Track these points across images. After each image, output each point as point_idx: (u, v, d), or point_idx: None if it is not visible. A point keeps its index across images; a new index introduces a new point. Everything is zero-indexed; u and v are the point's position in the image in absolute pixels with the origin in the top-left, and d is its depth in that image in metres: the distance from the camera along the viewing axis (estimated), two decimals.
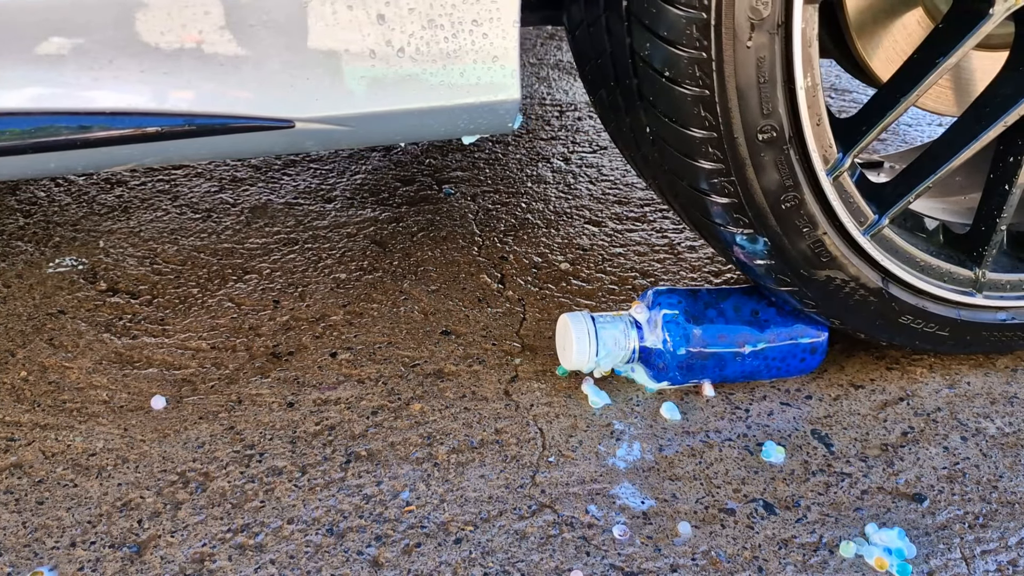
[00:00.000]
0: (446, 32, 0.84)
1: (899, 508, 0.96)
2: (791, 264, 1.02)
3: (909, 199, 1.02)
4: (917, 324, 1.09)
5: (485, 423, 1.04)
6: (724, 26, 0.86)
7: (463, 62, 0.85)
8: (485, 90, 0.87)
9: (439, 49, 0.84)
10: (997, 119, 1.00)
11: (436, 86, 0.86)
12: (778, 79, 0.91)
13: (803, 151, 0.95)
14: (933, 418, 1.08)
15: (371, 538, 0.89)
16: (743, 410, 1.08)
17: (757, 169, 0.95)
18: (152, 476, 0.95)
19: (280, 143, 0.89)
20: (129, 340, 1.14)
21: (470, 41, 0.84)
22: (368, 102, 0.85)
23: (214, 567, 0.86)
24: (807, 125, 0.94)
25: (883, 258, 1.04)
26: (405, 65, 0.84)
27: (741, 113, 0.91)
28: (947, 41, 0.97)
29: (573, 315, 1.07)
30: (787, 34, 0.89)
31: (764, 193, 0.96)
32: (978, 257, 1.08)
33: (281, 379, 1.09)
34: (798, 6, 0.88)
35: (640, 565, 0.88)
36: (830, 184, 0.98)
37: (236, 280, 1.26)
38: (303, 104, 0.84)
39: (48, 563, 0.86)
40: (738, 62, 0.88)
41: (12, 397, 1.05)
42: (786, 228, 0.99)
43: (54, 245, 1.31)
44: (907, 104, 0.98)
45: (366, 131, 0.90)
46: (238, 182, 1.49)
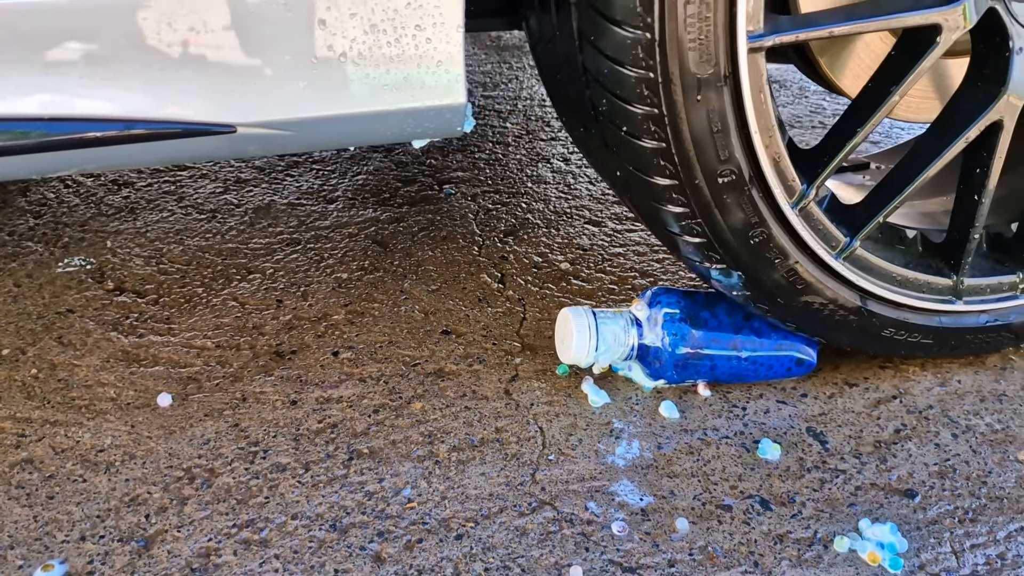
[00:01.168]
0: (388, 37, 0.83)
1: (891, 503, 0.98)
2: (768, 293, 1.05)
3: (879, 219, 1.03)
4: (900, 335, 1.10)
5: (486, 422, 1.06)
6: (672, 84, 0.89)
7: (406, 67, 0.85)
8: (430, 94, 0.87)
9: (382, 54, 0.84)
10: (959, 135, 1.01)
11: (380, 91, 0.85)
12: (731, 127, 0.93)
13: (765, 189, 0.97)
14: (925, 416, 1.10)
15: (373, 534, 0.91)
16: (740, 408, 1.10)
17: (722, 210, 0.97)
18: (159, 472, 0.97)
19: (223, 148, 0.88)
20: (136, 339, 1.16)
21: (413, 46, 0.84)
22: (310, 107, 0.85)
23: (219, 561, 0.88)
24: (766, 165, 0.96)
25: (859, 279, 1.05)
26: (348, 70, 0.84)
27: (699, 161, 0.94)
28: (899, 68, 0.98)
29: (574, 309, 1.09)
30: (735, 84, 0.91)
31: (732, 231, 0.99)
32: (955, 265, 1.09)
33: (284, 377, 1.11)
34: (743, 59, 0.90)
35: (638, 560, 0.90)
36: (796, 216, 0.99)
37: (240, 280, 1.28)
38: (244, 109, 0.83)
39: (58, 556, 0.88)
40: (690, 115, 0.91)
41: (23, 394, 1.07)
42: (758, 261, 1.01)
43: (63, 245, 1.33)
44: (863, 135, 0.98)
45: (310, 136, 0.89)
46: (242, 183, 1.51)
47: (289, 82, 0.83)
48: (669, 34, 0.87)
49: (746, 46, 0.89)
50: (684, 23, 0.87)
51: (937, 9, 0.94)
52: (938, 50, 0.95)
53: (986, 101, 0.99)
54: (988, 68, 1.00)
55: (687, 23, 0.87)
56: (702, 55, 0.88)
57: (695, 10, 0.86)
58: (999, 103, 0.99)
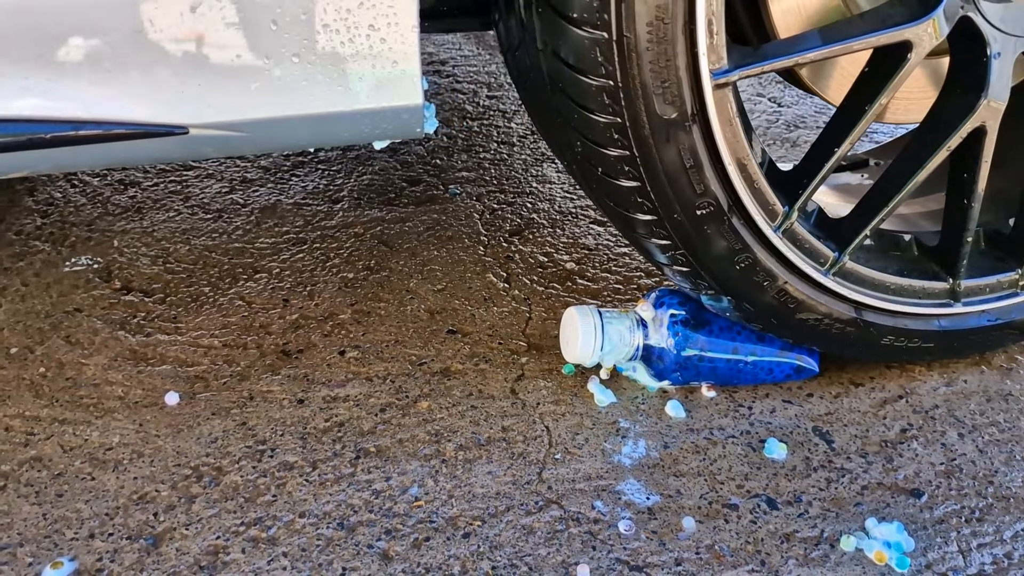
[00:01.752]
0: (342, 37, 0.82)
1: (898, 503, 0.98)
2: (761, 314, 1.05)
3: (866, 233, 1.02)
4: (900, 342, 1.10)
5: (492, 421, 1.06)
6: (640, 127, 0.90)
7: (361, 67, 0.84)
8: (386, 95, 0.86)
9: (336, 54, 0.82)
10: (940, 144, 0.99)
11: (334, 91, 0.84)
12: (704, 162, 0.93)
13: (746, 216, 0.97)
14: (931, 415, 1.10)
15: (381, 532, 0.92)
16: (746, 408, 1.10)
17: (704, 240, 0.98)
18: (167, 470, 0.98)
19: (177, 150, 0.87)
20: (143, 337, 1.17)
21: (367, 46, 0.83)
22: (264, 108, 0.84)
23: (228, 559, 0.88)
24: (743, 194, 0.96)
25: (852, 292, 1.04)
26: (301, 70, 0.83)
27: (675, 196, 0.94)
28: (873, 87, 0.97)
29: (580, 309, 1.09)
30: (704, 121, 0.91)
31: (716, 259, 0.99)
32: (951, 268, 1.08)
33: (291, 376, 1.12)
34: (709, 97, 0.90)
35: (645, 559, 0.90)
36: (780, 239, 0.99)
37: (247, 279, 1.29)
38: (197, 110, 0.82)
39: (68, 553, 0.88)
40: (661, 155, 0.92)
41: (31, 392, 1.07)
42: (746, 286, 1.02)
43: (70, 245, 1.34)
44: (840, 155, 0.98)
45: (265, 137, 0.88)
46: (248, 183, 1.51)
47: (241, 83, 0.82)
48: (632, 80, 0.87)
49: (711, 84, 0.89)
50: (647, 68, 0.87)
51: (906, 26, 0.92)
52: (910, 65, 0.94)
53: (966, 108, 0.98)
54: (966, 75, 0.99)
55: (649, 68, 0.87)
56: (666, 98, 0.89)
57: (654, 56, 0.87)
58: (979, 109, 0.98)
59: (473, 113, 1.76)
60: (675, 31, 0.86)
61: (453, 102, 1.81)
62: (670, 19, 0.85)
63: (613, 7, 0.83)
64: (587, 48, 0.86)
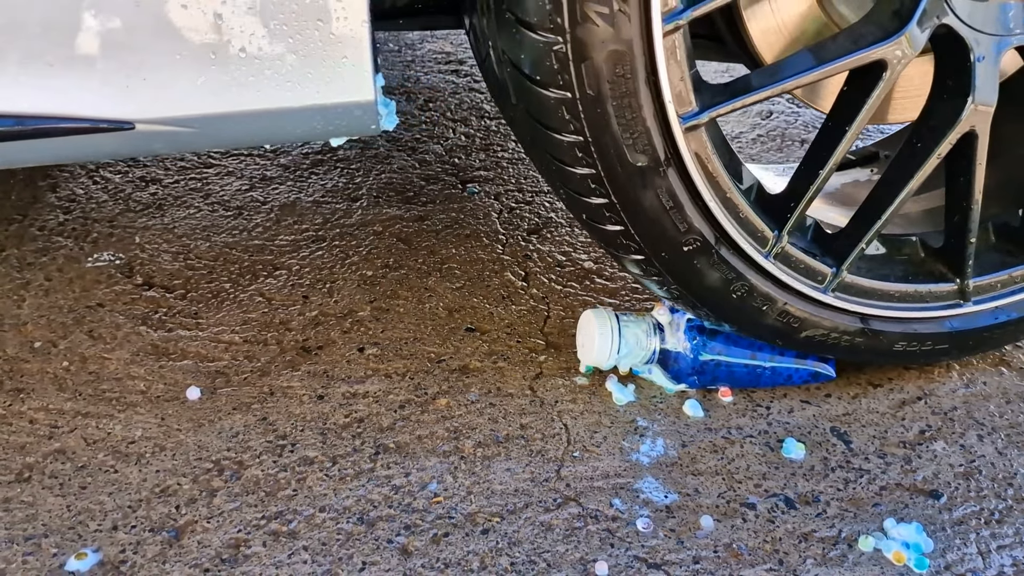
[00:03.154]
0: (289, 31, 0.80)
1: (916, 504, 0.98)
2: (766, 335, 1.06)
3: (862, 246, 1.01)
4: (913, 347, 1.09)
5: (510, 418, 1.07)
6: (615, 176, 0.91)
7: (310, 62, 0.82)
8: (336, 91, 0.84)
9: (283, 49, 0.81)
10: (930, 153, 0.97)
11: (283, 86, 0.83)
12: (684, 202, 0.94)
13: (734, 246, 0.97)
14: (950, 417, 1.10)
15: (400, 527, 0.92)
16: (764, 407, 1.10)
17: (696, 274, 0.98)
18: (188, 464, 0.99)
19: (126, 145, 0.86)
20: (164, 333, 1.18)
21: (316, 40, 0.81)
22: (211, 103, 0.82)
23: (249, 552, 0.89)
24: (729, 226, 0.96)
25: (855, 305, 1.04)
26: (248, 65, 0.81)
27: (660, 236, 0.96)
28: (852, 107, 0.95)
29: (597, 311, 1.10)
30: (679, 164, 0.92)
31: (711, 291, 1.00)
32: (958, 269, 1.06)
33: (311, 372, 1.12)
34: (682, 142, 0.90)
35: (663, 557, 0.90)
36: (772, 264, 0.99)
37: (267, 276, 1.30)
38: (143, 106, 0.81)
39: (92, 545, 0.89)
40: (640, 200, 0.93)
41: (55, 386, 1.08)
42: (746, 312, 1.02)
43: (92, 240, 1.35)
44: (824, 177, 0.96)
45: (214, 133, 0.87)
46: (268, 180, 1.52)
47: (187, 78, 0.81)
48: (600, 134, 0.88)
49: (681, 129, 0.90)
50: (614, 122, 0.88)
51: (878, 46, 0.91)
52: (887, 82, 0.92)
53: (954, 114, 0.96)
54: (951, 80, 0.97)
55: (616, 121, 0.88)
56: (637, 147, 0.90)
57: (620, 110, 0.87)
58: (967, 114, 0.95)
59: (491, 112, 1.76)
60: (637, 85, 0.87)
61: (471, 101, 1.81)
62: (631, 74, 0.86)
63: (573, 69, 0.84)
64: (553, 107, 0.87)
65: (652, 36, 0.85)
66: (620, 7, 0.83)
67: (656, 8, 0.84)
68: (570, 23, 0.82)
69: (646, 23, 0.84)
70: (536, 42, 0.83)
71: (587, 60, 0.84)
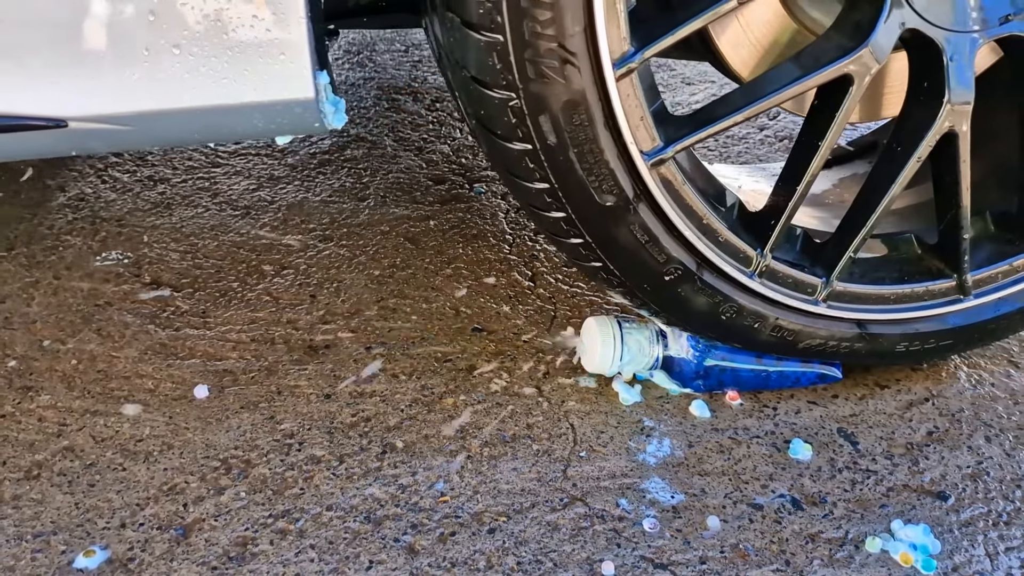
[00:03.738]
0: (225, 27, 0.79)
1: (924, 505, 0.97)
2: (764, 349, 1.06)
3: (850, 255, 1.00)
4: (916, 346, 1.08)
5: (517, 418, 1.07)
6: (587, 219, 0.93)
7: (247, 59, 0.80)
8: (275, 88, 0.82)
9: (218, 45, 0.80)
10: (909, 156, 0.96)
11: (219, 84, 0.81)
12: (660, 234, 0.94)
13: (717, 270, 0.98)
14: (958, 418, 1.10)
15: (407, 526, 0.92)
16: (771, 408, 1.10)
17: (681, 301, 0.99)
18: (196, 462, 0.99)
19: (61, 143, 0.84)
20: (172, 331, 1.18)
21: (252, 37, 0.80)
22: (145, 101, 0.81)
23: (256, 551, 0.89)
24: (708, 252, 0.96)
25: (849, 312, 1.03)
26: (183, 62, 0.80)
27: (639, 270, 0.97)
28: (822, 122, 0.94)
29: (599, 319, 1.10)
30: (650, 200, 0.92)
31: (701, 315, 1.01)
32: (954, 265, 1.04)
33: (318, 371, 1.13)
34: (649, 179, 0.91)
35: (670, 557, 0.90)
36: (758, 283, 0.99)
37: (274, 275, 1.30)
38: (74, 103, 0.79)
39: (100, 542, 0.89)
40: (615, 237, 0.94)
41: (64, 384, 1.09)
42: (738, 331, 1.03)
43: (100, 239, 1.35)
44: (801, 193, 0.95)
45: (153, 131, 0.85)
46: (275, 180, 1.53)
47: (120, 74, 0.79)
48: (565, 180, 0.90)
49: (646, 166, 0.90)
50: (578, 168, 0.89)
51: (840, 62, 0.89)
52: (855, 96, 0.91)
53: (930, 116, 0.94)
54: (926, 82, 0.96)
55: (580, 167, 0.89)
56: (603, 188, 0.90)
57: (582, 155, 0.88)
58: (943, 115, 0.93)
59: None
60: (596, 131, 0.88)
61: None
62: (589, 121, 0.87)
63: (530, 122, 0.86)
64: (517, 158, 0.89)
65: (605, 83, 0.85)
66: (569, 59, 0.83)
67: (605, 57, 0.84)
68: (521, 80, 0.84)
69: (597, 71, 0.85)
70: (492, 98, 0.85)
71: (543, 113, 0.85)
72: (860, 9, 0.91)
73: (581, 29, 0.83)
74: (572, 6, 0.81)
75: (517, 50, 0.82)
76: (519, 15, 0.81)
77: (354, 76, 1.92)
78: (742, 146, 1.71)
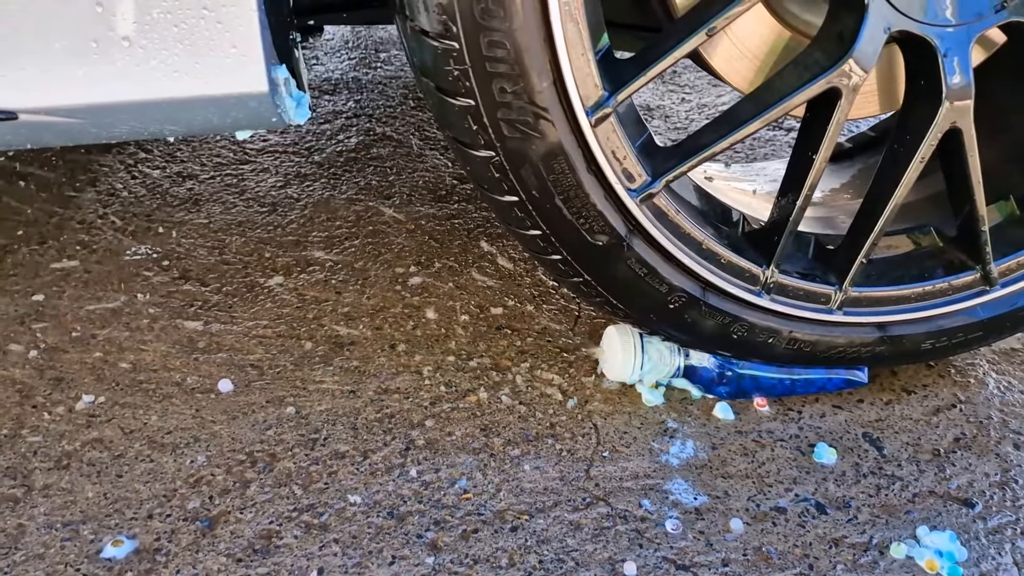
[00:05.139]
0: (174, 20, 0.78)
1: (950, 512, 0.97)
2: (783, 362, 1.05)
3: (862, 260, 0.98)
4: (943, 342, 1.06)
5: (540, 417, 1.07)
6: (581, 258, 0.94)
7: (197, 51, 0.79)
8: (227, 81, 0.81)
9: (169, 38, 0.79)
10: (912, 157, 0.93)
11: (170, 77, 0.80)
12: (658, 265, 0.94)
13: (723, 293, 0.97)
14: (986, 425, 1.09)
15: (430, 523, 0.93)
16: (795, 412, 1.09)
17: (690, 326, 0.99)
18: (222, 455, 1.00)
19: (12, 136, 0.83)
20: (200, 326, 1.19)
21: (203, 29, 0.79)
22: (96, 93, 0.80)
23: (280, 544, 0.90)
24: (712, 276, 0.96)
25: (867, 317, 1.01)
26: (132, 55, 0.79)
27: (643, 302, 0.97)
28: (815, 135, 0.92)
29: (620, 327, 1.10)
30: (644, 233, 0.92)
31: (712, 337, 1.01)
32: (977, 257, 1.01)
33: (343, 368, 1.13)
34: (640, 214, 0.91)
35: (692, 559, 0.90)
36: (768, 300, 0.98)
37: (300, 271, 1.31)
38: (24, 95, 0.79)
39: (128, 532, 0.91)
40: (614, 274, 0.95)
41: (93, 376, 1.10)
42: (753, 347, 1.02)
43: (130, 234, 1.37)
44: (801, 208, 0.94)
45: (103, 123, 0.84)
46: (302, 177, 1.54)
47: (68, 67, 0.78)
48: (557, 226, 0.91)
49: (635, 203, 0.90)
50: (567, 213, 0.90)
51: (823, 76, 0.87)
52: (845, 108, 0.89)
53: (930, 116, 0.92)
54: (922, 81, 0.93)
55: (569, 212, 0.90)
56: (595, 229, 0.91)
57: (569, 201, 0.89)
58: (943, 113, 0.91)
59: None
60: (579, 176, 0.88)
61: None
62: (571, 169, 0.88)
63: (512, 176, 0.87)
64: (507, 209, 0.91)
65: (582, 130, 0.86)
66: (541, 115, 0.84)
67: (579, 106, 0.85)
68: (497, 138, 0.85)
69: (572, 121, 0.86)
70: (475, 157, 0.87)
71: (523, 166, 0.86)
72: (840, 19, 0.89)
73: (550, 83, 0.84)
74: (537, 65, 0.82)
75: (490, 112, 0.84)
76: (487, 79, 0.82)
77: (381, 74, 1.93)
78: (768, 148, 1.70)
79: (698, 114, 1.82)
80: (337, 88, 1.88)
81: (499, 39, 0.80)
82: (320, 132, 1.70)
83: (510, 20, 0.79)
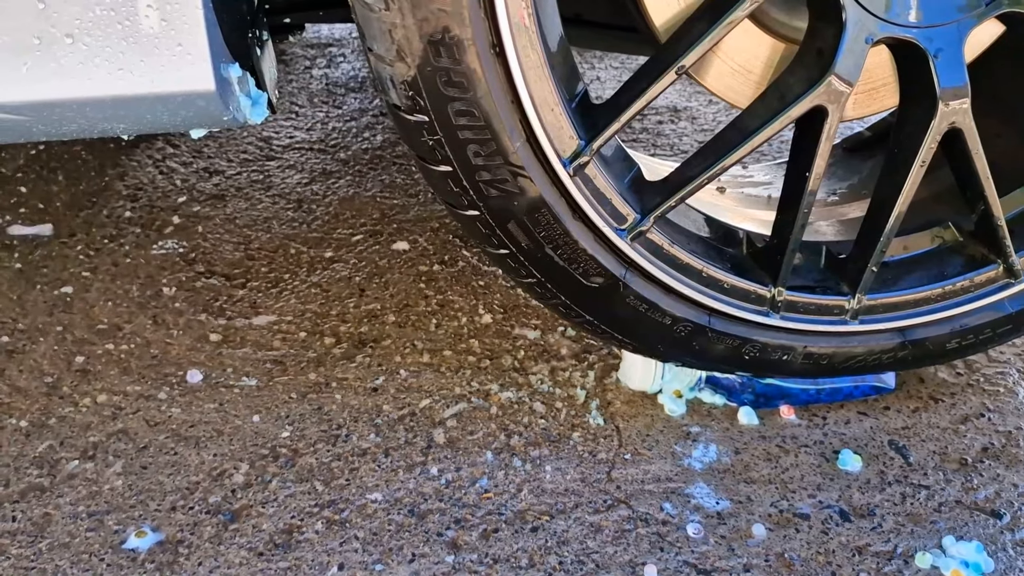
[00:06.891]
0: (118, 17, 0.78)
1: (977, 522, 0.95)
2: (801, 376, 1.04)
3: (873, 269, 0.96)
4: (969, 339, 1.03)
5: (562, 418, 1.07)
6: (580, 302, 0.95)
7: (142, 49, 0.79)
8: (173, 80, 0.80)
9: (113, 35, 0.78)
10: (913, 160, 0.90)
11: (115, 74, 0.80)
12: (658, 298, 0.93)
13: (729, 316, 0.96)
14: (1015, 436, 1.07)
15: (450, 521, 0.93)
16: (820, 418, 1.08)
17: (699, 352, 0.98)
18: (245, 449, 1.00)
19: None
20: (224, 320, 1.20)
21: (147, 27, 0.78)
22: (39, 90, 0.79)
23: (302, 538, 0.90)
24: (716, 303, 0.95)
25: (886, 323, 0.99)
26: (76, 51, 0.78)
27: (648, 335, 0.97)
28: (807, 153, 0.90)
29: None
30: (639, 269, 0.92)
31: (724, 360, 1.00)
32: (998, 250, 0.98)
33: (366, 365, 1.14)
34: (633, 252, 0.90)
35: (713, 563, 0.89)
36: (777, 318, 0.96)
37: (324, 268, 1.31)
38: None
39: (151, 523, 0.91)
40: (615, 313, 0.94)
41: (119, 369, 1.11)
42: (768, 365, 1.01)
43: (157, 229, 1.38)
44: (800, 226, 0.92)
45: (51, 121, 0.83)
46: (328, 174, 1.55)
47: (12, 63, 0.78)
48: (550, 274, 0.91)
49: (626, 242, 0.90)
50: (559, 261, 0.90)
51: (806, 96, 0.85)
52: (834, 124, 0.86)
53: (926, 118, 0.89)
54: (915, 84, 0.90)
55: (561, 259, 0.90)
56: (590, 272, 0.91)
57: (560, 248, 0.89)
58: (939, 116, 0.88)
59: None
60: (566, 225, 0.88)
61: None
62: (556, 219, 0.88)
63: (500, 232, 0.88)
64: (502, 260, 0.92)
65: (562, 182, 0.86)
66: (518, 172, 0.84)
67: (554, 160, 0.85)
68: (479, 198, 0.86)
69: (551, 174, 0.85)
70: (462, 216, 0.88)
71: (509, 222, 0.87)
72: (818, 34, 0.86)
73: (523, 142, 0.84)
74: (507, 127, 0.82)
75: (468, 175, 0.85)
76: (460, 146, 0.83)
77: None
78: None
79: (725, 116, 1.81)
80: (363, 85, 1.89)
81: (465, 108, 0.81)
82: (346, 129, 1.71)
83: (473, 89, 0.80)
